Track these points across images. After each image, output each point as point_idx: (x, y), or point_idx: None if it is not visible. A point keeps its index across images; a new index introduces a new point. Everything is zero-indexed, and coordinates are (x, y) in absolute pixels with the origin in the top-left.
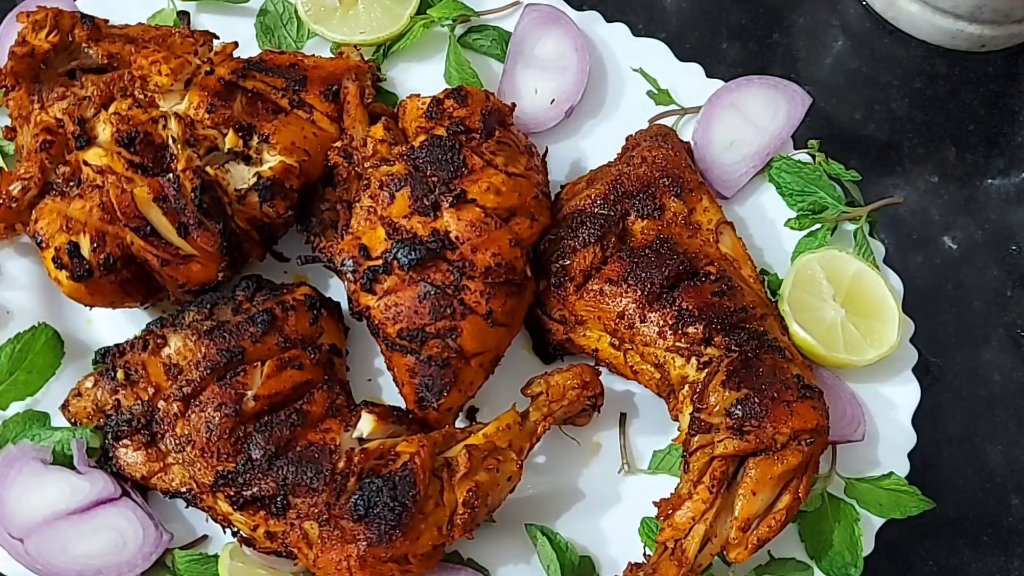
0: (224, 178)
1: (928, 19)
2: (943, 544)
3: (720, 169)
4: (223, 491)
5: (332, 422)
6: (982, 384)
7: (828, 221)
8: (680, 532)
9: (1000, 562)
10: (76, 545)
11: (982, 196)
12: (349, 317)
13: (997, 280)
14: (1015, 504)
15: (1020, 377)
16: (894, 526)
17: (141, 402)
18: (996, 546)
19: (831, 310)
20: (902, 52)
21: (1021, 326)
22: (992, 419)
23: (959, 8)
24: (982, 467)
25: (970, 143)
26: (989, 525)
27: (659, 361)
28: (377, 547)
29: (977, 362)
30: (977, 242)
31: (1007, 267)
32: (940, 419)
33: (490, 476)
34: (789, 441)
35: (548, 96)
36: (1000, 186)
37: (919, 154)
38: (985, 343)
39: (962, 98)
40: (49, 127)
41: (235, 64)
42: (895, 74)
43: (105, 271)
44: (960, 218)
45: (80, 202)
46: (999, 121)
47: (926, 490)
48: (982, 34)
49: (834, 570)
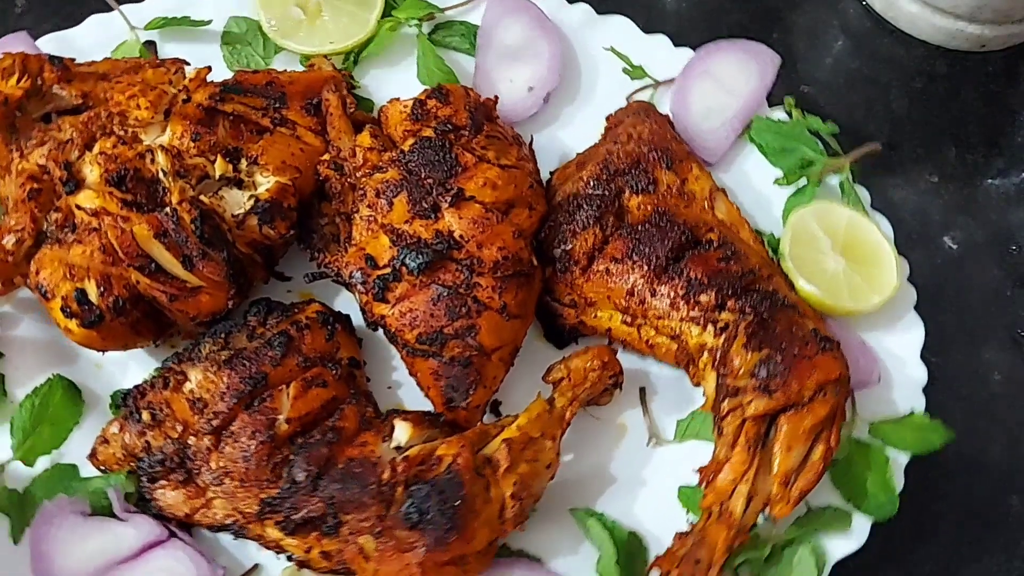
0: (220, 205)
1: (928, 19)
2: (943, 543)
3: (702, 137)
4: (271, 518)
5: (367, 435)
6: (982, 384)
7: (813, 175)
8: (723, 495)
9: (1000, 561)
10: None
11: (982, 196)
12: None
13: (997, 280)
14: (1015, 504)
15: (1020, 377)
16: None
17: (171, 441)
18: (996, 546)
19: (831, 261)
20: (902, 52)
21: (1021, 326)
22: (992, 419)
23: (959, 8)
24: (982, 467)
25: (970, 143)
26: (989, 525)
27: (675, 332)
28: (435, 552)
29: (977, 362)
30: (977, 242)
31: (1007, 267)
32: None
33: (531, 467)
34: (815, 394)
35: (524, 84)
36: (1000, 186)
37: (919, 154)
38: (985, 343)
39: (962, 98)
40: (33, 175)
41: (212, 89)
42: (895, 74)
43: (116, 314)
44: (960, 218)
45: (79, 247)
46: (999, 121)
47: (926, 490)
48: (982, 34)
49: (871, 511)
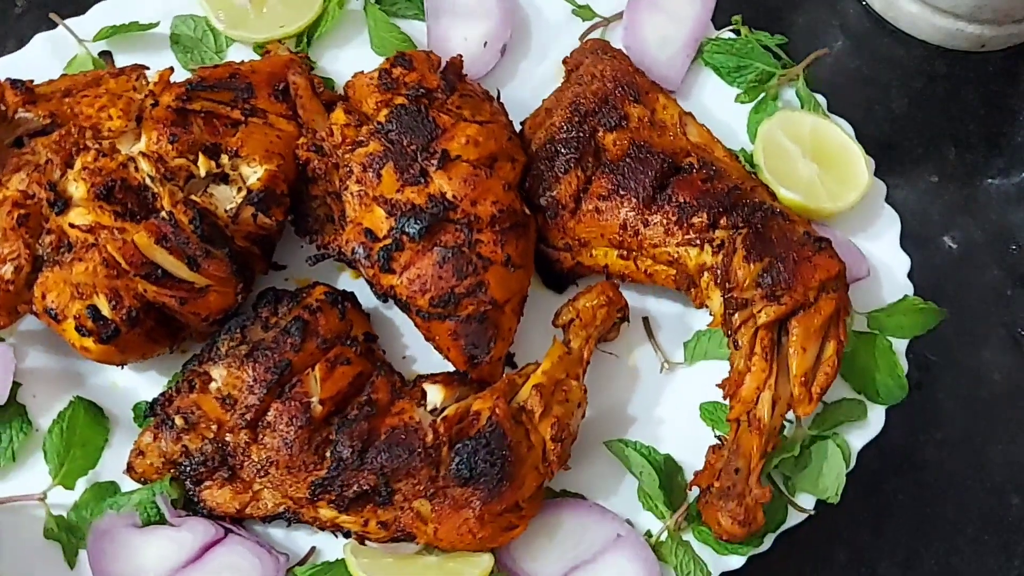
0: (211, 203)
1: (928, 19)
2: (943, 544)
3: (658, 67)
4: (323, 499)
5: (402, 403)
6: (982, 384)
7: (771, 89)
8: (749, 404)
9: (1000, 561)
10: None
11: (982, 196)
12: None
13: (997, 280)
14: (1015, 504)
15: (1020, 377)
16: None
17: (209, 441)
18: (996, 546)
19: (804, 167)
20: (902, 52)
21: (1021, 326)
22: (992, 418)
23: (959, 8)
24: (982, 466)
25: (970, 143)
26: (989, 525)
27: (673, 257)
28: (490, 503)
29: (977, 362)
30: (977, 242)
31: (1007, 267)
32: (940, 418)
33: (564, 407)
34: (820, 293)
35: (479, 40)
36: (1000, 186)
37: (919, 154)
38: (985, 343)
39: (962, 98)
40: (17, 201)
41: (177, 90)
42: (895, 74)
43: (130, 325)
44: (960, 218)
45: (81, 265)
46: (999, 121)
47: (926, 489)
48: (982, 34)
49: (883, 397)
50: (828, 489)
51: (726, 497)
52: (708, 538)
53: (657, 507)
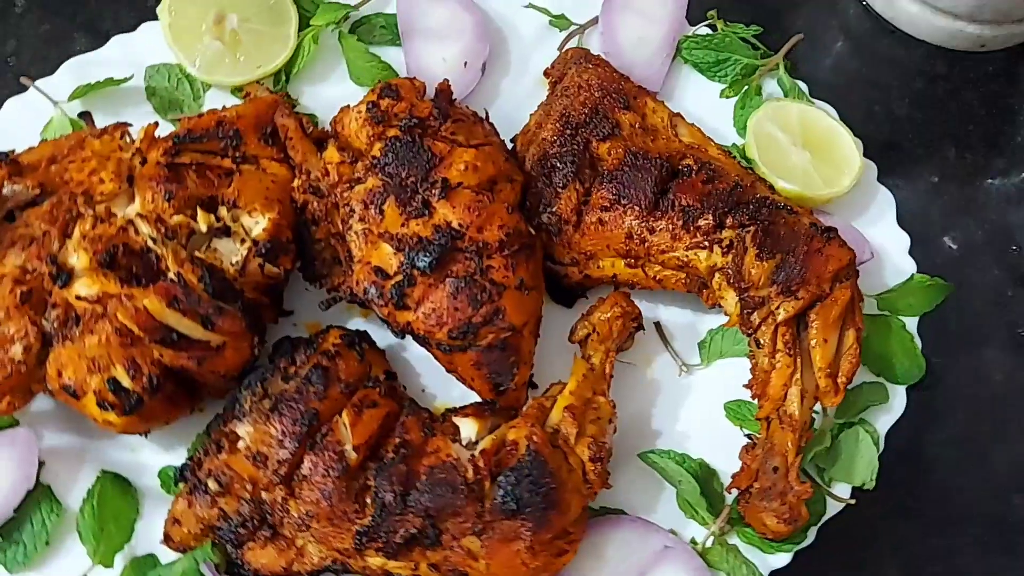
0: (216, 258)
1: (928, 19)
2: (946, 544)
3: (639, 69)
4: (370, 547)
5: (436, 441)
6: (984, 384)
7: (753, 80)
8: (778, 401)
9: (1003, 562)
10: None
11: (982, 196)
12: None
13: (998, 280)
14: (1018, 504)
15: (1022, 377)
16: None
17: (245, 501)
18: (999, 546)
19: (796, 156)
20: (902, 52)
21: (1022, 326)
22: (994, 419)
23: (959, 8)
24: (985, 467)
25: (970, 143)
26: (992, 525)
27: (683, 262)
28: (540, 532)
29: (978, 362)
30: (977, 242)
31: (1007, 267)
32: (942, 419)
33: (597, 426)
34: (834, 283)
35: (458, 60)
36: (1000, 186)
37: (919, 154)
38: (986, 343)
39: (962, 98)
40: (17, 278)
41: (164, 144)
42: (895, 74)
43: (152, 393)
44: (960, 218)
45: (93, 337)
46: (999, 121)
47: (929, 491)
48: (982, 34)
49: (901, 377)
50: (863, 476)
51: (768, 497)
52: (753, 539)
53: (698, 514)
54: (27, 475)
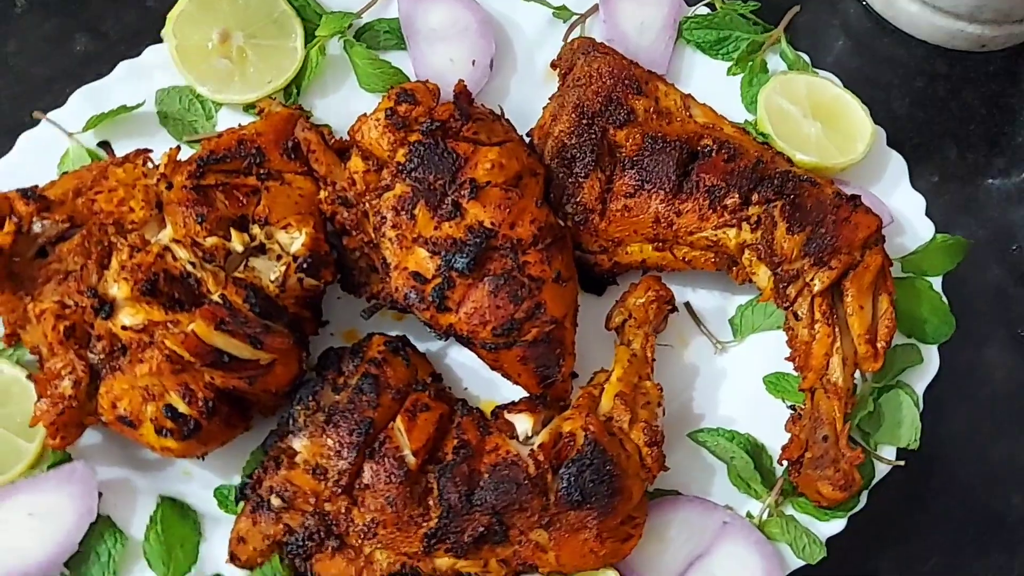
0: (255, 276)
1: (928, 19)
2: (946, 542)
3: (643, 53)
4: (439, 548)
5: (494, 439)
6: (984, 383)
7: (757, 56)
8: (821, 371)
9: (1003, 560)
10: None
11: (983, 196)
12: None
13: (998, 279)
14: (1017, 502)
15: (1022, 376)
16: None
17: (309, 515)
18: (999, 545)
19: (809, 126)
20: (902, 52)
21: (1022, 325)
22: (994, 418)
23: (959, 8)
24: (984, 465)
25: (971, 143)
26: (992, 524)
27: (712, 241)
28: (606, 519)
29: (979, 361)
30: (978, 241)
31: (1008, 266)
32: (942, 418)
33: (648, 410)
34: (864, 250)
35: (466, 59)
36: (1001, 186)
37: (919, 154)
38: (987, 342)
39: (962, 98)
40: (57, 313)
41: (188, 167)
42: (895, 74)
43: (209, 416)
44: (960, 218)
45: (143, 366)
46: (999, 121)
47: (928, 488)
48: (982, 34)
49: (931, 336)
50: (907, 437)
51: (821, 465)
52: (808, 508)
53: (752, 488)
54: (89, 508)
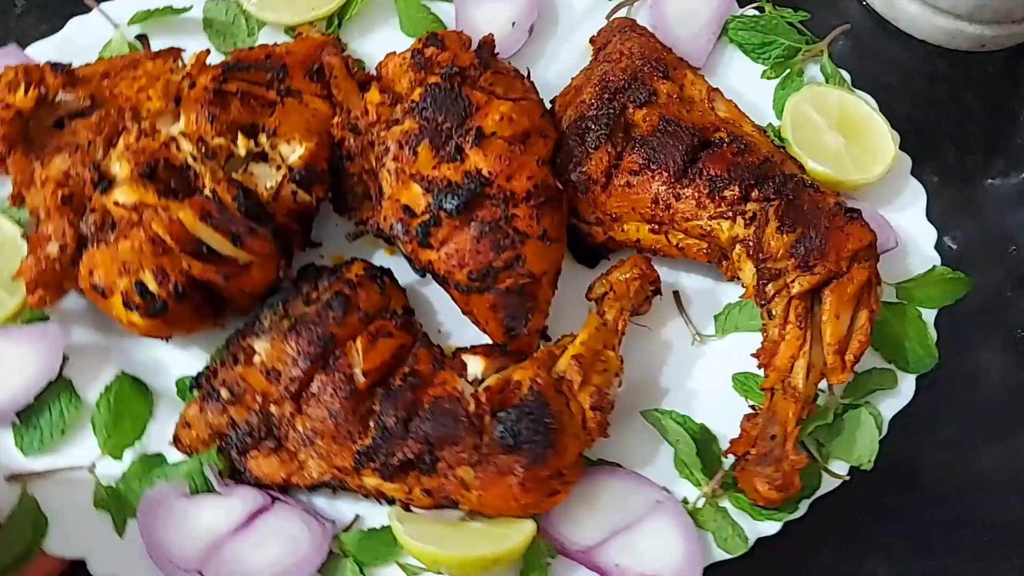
0: (252, 181)
1: (928, 19)
2: (941, 545)
3: (684, 44)
4: (368, 467)
5: (444, 374)
6: (982, 385)
7: (796, 64)
8: (784, 373)
9: (998, 563)
10: (252, 559)
11: (982, 196)
12: None
13: (997, 280)
14: (1015, 505)
15: (1020, 378)
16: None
17: (254, 412)
18: (996, 547)
19: (832, 139)
20: (902, 52)
21: (1020, 327)
22: (992, 420)
23: (959, 8)
24: (982, 468)
25: (970, 143)
26: (989, 526)
27: (705, 231)
28: (534, 469)
29: (977, 363)
30: (977, 242)
31: (1007, 268)
32: (940, 419)
33: (603, 377)
34: (852, 262)
35: (507, 20)
36: (1000, 186)
37: (919, 154)
38: (984, 344)
39: (962, 99)
40: (59, 181)
41: (214, 71)
42: (895, 74)
43: (178, 300)
44: (960, 218)
45: (127, 243)
46: (999, 122)
47: (925, 490)
48: (982, 34)
49: (913, 365)
50: (862, 456)
51: (763, 463)
52: (745, 504)
53: (694, 475)
54: (51, 367)
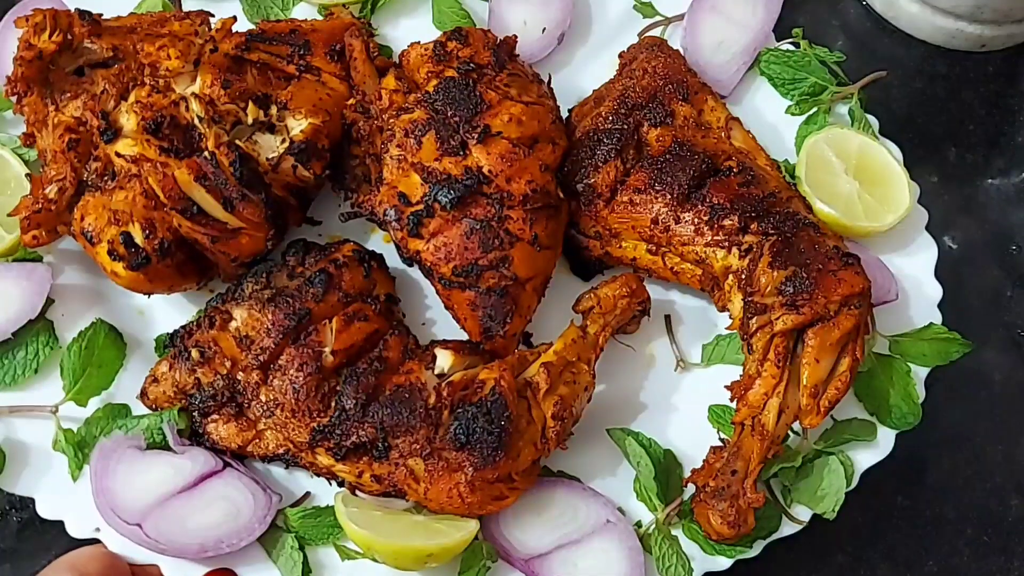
0: (254, 149)
1: (928, 19)
2: (943, 544)
3: (713, 70)
4: (322, 445)
5: (412, 364)
6: (982, 384)
7: (823, 104)
8: (755, 409)
9: (1000, 562)
10: (193, 520)
11: (982, 196)
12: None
13: (997, 280)
14: (1015, 504)
15: (1020, 377)
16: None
17: (221, 377)
18: (996, 547)
19: (845, 183)
20: (902, 52)
21: (1021, 326)
22: (992, 419)
23: (959, 8)
24: (982, 467)
25: (970, 143)
26: (989, 526)
27: (700, 257)
28: (483, 470)
29: (977, 362)
30: (977, 242)
31: (1007, 267)
32: (940, 419)
33: (570, 388)
34: (841, 307)
35: (538, 26)
36: (1000, 186)
37: (919, 154)
38: (985, 343)
39: (962, 98)
40: (70, 126)
41: (237, 39)
42: (895, 74)
43: (161, 256)
44: (960, 218)
45: (122, 193)
46: (999, 121)
47: (926, 490)
48: (982, 34)
49: (894, 421)
50: (826, 504)
51: (719, 497)
52: (697, 536)
53: (650, 499)
54: (33, 305)
